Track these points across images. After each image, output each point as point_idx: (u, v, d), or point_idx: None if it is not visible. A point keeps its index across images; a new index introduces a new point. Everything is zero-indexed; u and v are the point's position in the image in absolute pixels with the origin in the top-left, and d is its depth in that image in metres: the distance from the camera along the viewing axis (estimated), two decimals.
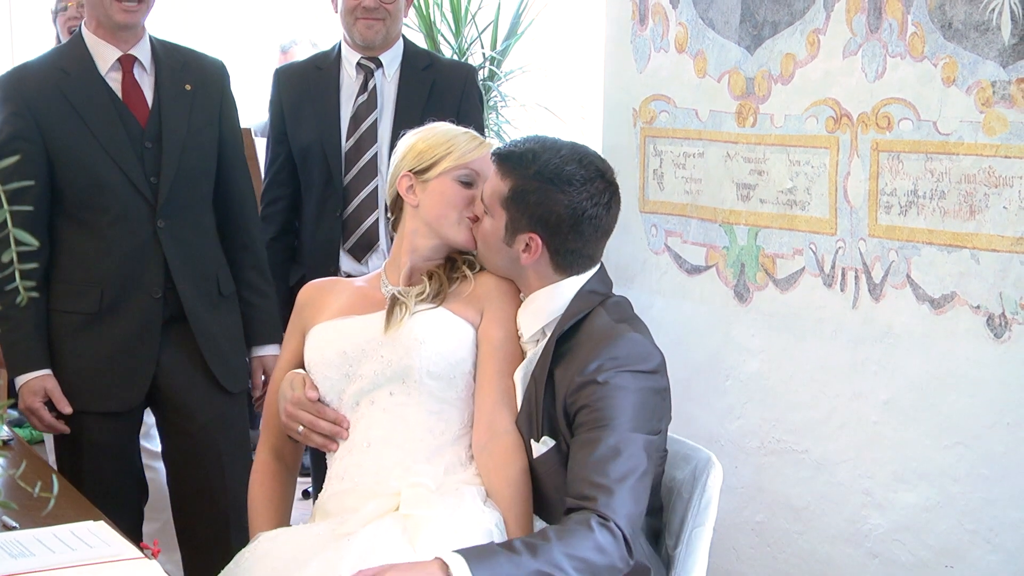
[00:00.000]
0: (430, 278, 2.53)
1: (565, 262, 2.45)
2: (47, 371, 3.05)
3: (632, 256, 3.74)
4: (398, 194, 2.59)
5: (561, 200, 2.41)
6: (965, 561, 2.96)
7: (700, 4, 3.51)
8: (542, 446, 2.36)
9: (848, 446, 3.21)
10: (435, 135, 2.62)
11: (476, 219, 2.54)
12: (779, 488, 3.39)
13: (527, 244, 2.43)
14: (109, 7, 3.02)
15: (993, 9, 2.82)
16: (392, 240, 2.69)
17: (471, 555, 2.09)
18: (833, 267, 3.21)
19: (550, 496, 2.35)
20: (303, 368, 2.61)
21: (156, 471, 3.57)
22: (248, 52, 7.11)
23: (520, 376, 2.45)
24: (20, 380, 3.06)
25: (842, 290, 3.20)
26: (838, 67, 3.16)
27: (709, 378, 3.51)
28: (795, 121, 3.28)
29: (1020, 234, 2.80)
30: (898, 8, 3.01)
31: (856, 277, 3.16)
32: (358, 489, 2.42)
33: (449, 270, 2.57)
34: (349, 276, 3.55)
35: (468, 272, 2.55)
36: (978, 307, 2.90)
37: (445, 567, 2.07)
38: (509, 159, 2.48)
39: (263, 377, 3.32)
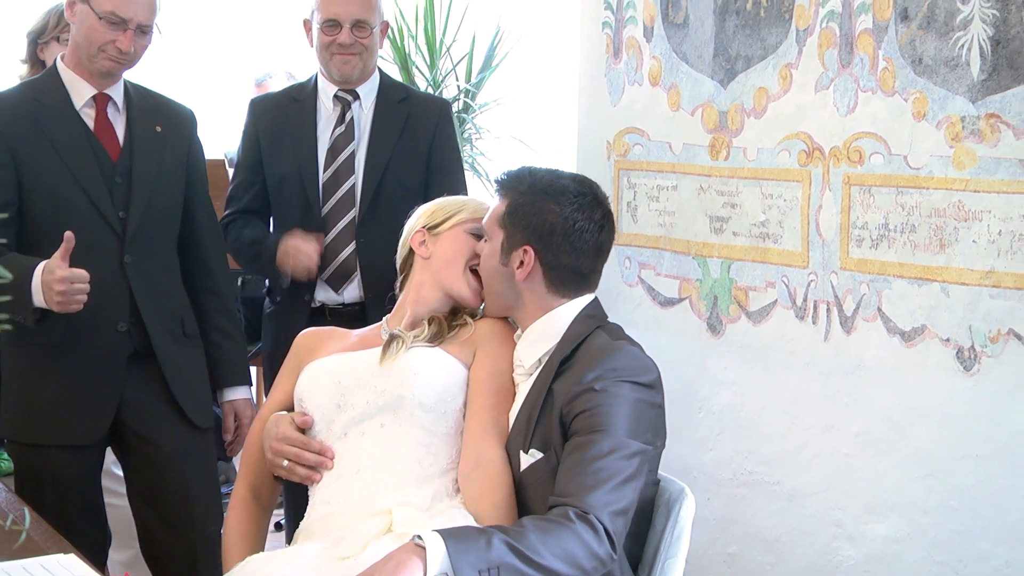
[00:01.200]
0: (430, 322, 2.60)
1: (559, 280, 2.48)
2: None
3: (606, 288, 3.71)
4: (410, 251, 2.69)
5: (553, 210, 2.46)
6: None
7: (674, 38, 3.52)
8: (530, 458, 2.37)
9: (820, 478, 3.21)
10: (449, 199, 2.77)
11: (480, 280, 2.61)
12: (751, 520, 3.39)
13: (521, 260, 2.46)
14: (95, 56, 3.03)
15: (963, 45, 2.83)
16: (363, 270, 2.71)
17: (447, 534, 2.08)
18: (805, 300, 3.22)
19: (536, 511, 2.33)
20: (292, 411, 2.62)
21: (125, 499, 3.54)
22: (222, 84, 7.10)
23: (516, 406, 2.46)
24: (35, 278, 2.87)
25: (814, 323, 3.20)
26: (810, 101, 3.17)
27: (682, 410, 3.50)
28: (768, 155, 3.29)
29: (989, 267, 2.81)
30: (869, 43, 3.02)
31: (828, 310, 3.16)
32: (346, 509, 2.42)
33: (451, 318, 2.62)
34: (324, 306, 3.56)
35: (468, 319, 2.60)
36: (948, 340, 2.91)
37: (421, 548, 2.06)
38: (507, 180, 2.56)
39: (234, 421, 3.31)
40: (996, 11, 2.76)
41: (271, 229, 3.70)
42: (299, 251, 3.47)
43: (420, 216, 2.72)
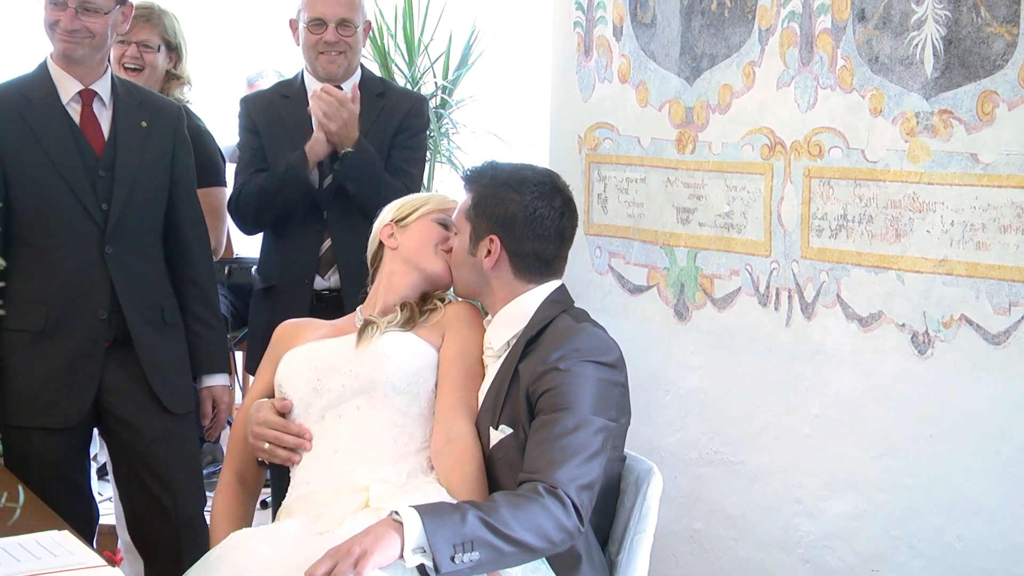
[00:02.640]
0: (402, 308, 2.61)
1: (524, 266, 2.50)
2: None
3: (577, 277, 3.74)
4: (380, 244, 2.72)
5: (515, 199, 2.48)
6: (890, 566, 2.99)
7: (642, 37, 3.54)
8: (500, 433, 2.39)
9: (781, 458, 3.23)
10: (414, 195, 2.81)
11: (450, 251, 2.63)
12: (716, 498, 3.41)
13: (488, 249, 2.48)
14: (53, 40, 3.05)
15: (917, 44, 2.86)
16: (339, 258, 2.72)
17: (423, 510, 2.10)
18: (768, 287, 3.24)
19: (507, 487, 2.35)
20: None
21: None
22: (214, 83, 7.07)
23: (484, 387, 2.48)
24: None
25: (776, 309, 3.22)
26: (772, 98, 3.19)
27: (650, 393, 3.52)
28: (732, 149, 3.31)
29: (942, 256, 2.84)
30: (828, 42, 3.04)
31: (789, 297, 3.19)
32: (324, 488, 2.43)
33: (421, 303, 2.64)
34: (314, 290, 3.57)
35: (438, 304, 2.63)
36: (903, 325, 2.93)
37: (398, 523, 2.08)
38: (471, 175, 2.59)
39: (212, 407, 3.31)
40: (948, 12, 2.78)
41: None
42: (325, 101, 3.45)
43: (387, 212, 2.75)
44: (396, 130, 3.65)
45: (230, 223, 4.00)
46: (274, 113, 3.67)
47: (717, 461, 3.40)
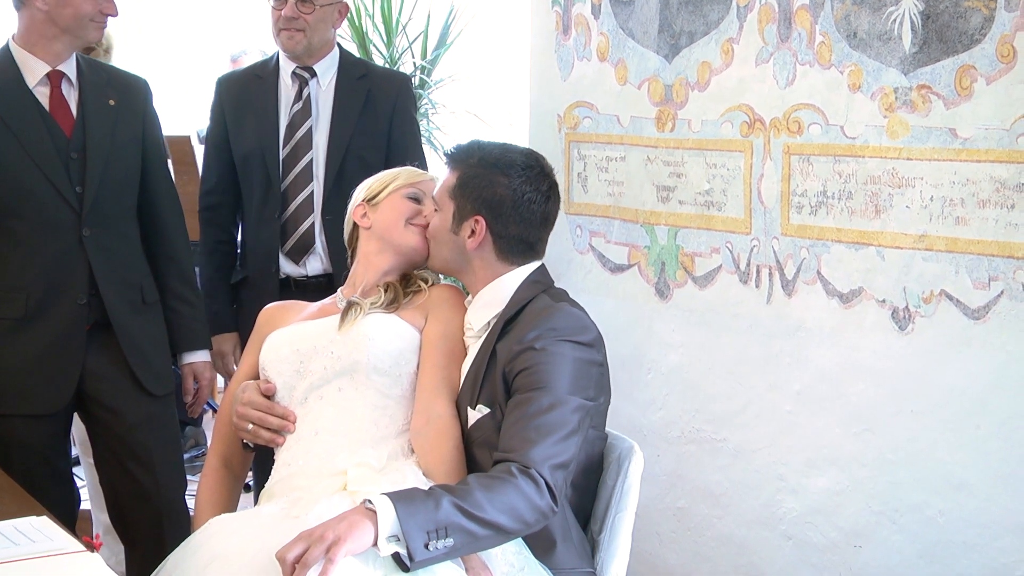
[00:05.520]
0: (386, 289, 2.59)
1: (508, 248, 2.49)
2: None
3: (558, 256, 3.74)
4: (354, 226, 2.69)
5: (503, 182, 2.47)
6: (872, 541, 2.99)
7: (620, 15, 3.52)
8: (477, 413, 2.39)
9: (763, 435, 3.24)
10: (384, 172, 2.76)
11: (425, 227, 2.61)
12: (698, 475, 3.41)
13: (472, 229, 2.47)
14: (86, 26, 3.04)
15: (895, 20, 2.85)
16: (327, 243, 2.70)
17: (395, 496, 2.09)
18: (748, 265, 3.23)
19: (485, 466, 2.34)
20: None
21: None
22: (200, 59, 7.04)
23: (466, 366, 2.47)
24: None
25: (757, 286, 3.22)
26: (751, 74, 3.18)
27: (632, 371, 3.52)
28: (711, 126, 3.30)
29: (922, 232, 2.83)
30: (807, 18, 3.03)
31: (770, 274, 3.18)
32: (305, 471, 2.42)
33: (405, 284, 2.63)
34: (288, 277, 3.55)
35: (422, 285, 2.61)
36: (883, 301, 2.93)
37: (371, 511, 2.06)
38: (457, 153, 2.56)
39: (195, 383, 3.30)
40: None
41: (238, 202, 3.68)
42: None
43: (359, 192, 2.74)
44: (390, 114, 3.63)
45: None
46: (244, 95, 3.66)
47: (699, 439, 3.40)
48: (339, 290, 2.71)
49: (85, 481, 3.99)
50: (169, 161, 4.59)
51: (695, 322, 3.39)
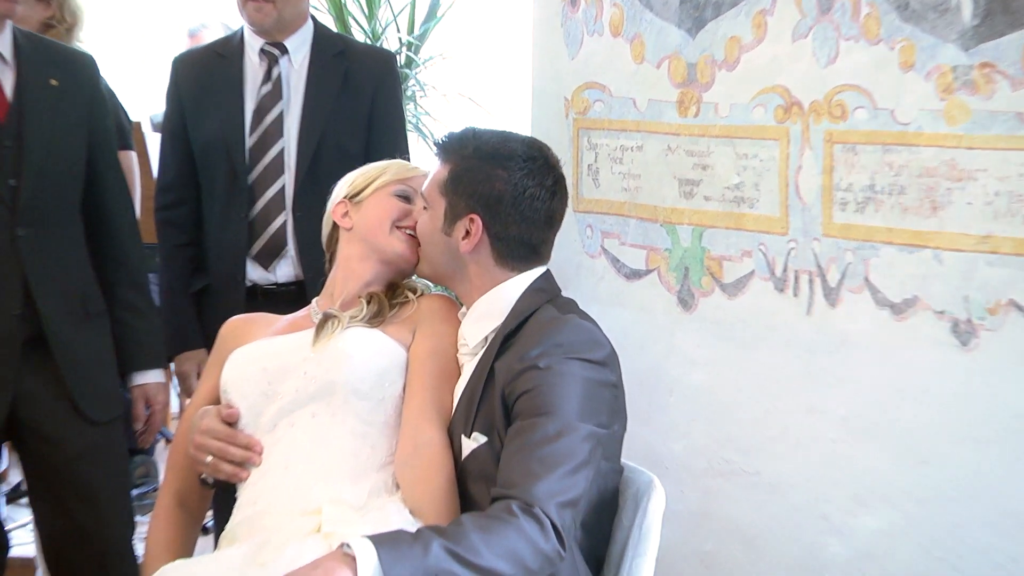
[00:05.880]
0: (368, 301, 2.59)
1: (507, 251, 2.50)
2: None
3: (565, 260, 3.73)
4: (334, 226, 2.69)
5: (501, 176, 2.48)
6: None
7: None
8: (472, 443, 2.38)
9: (803, 467, 3.23)
10: (371, 165, 2.78)
11: (414, 236, 2.63)
12: (729, 514, 3.41)
13: (467, 230, 2.48)
14: None
15: None
16: (299, 245, 2.71)
17: (378, 539, 2.07)
18: (785, 270, 3.23)
19: (481, 503, 2.34)
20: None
21: None
22: (154, 35, 7.04)
23: (459, 387, 2.47)
24: None
25: (795, 295, 3.21)
26: (787, 52, 3.18)
27: (651, 393, 3.52)
28: (741, 111, 3.30)
29: (986, 232, 2.83)
30: None
31: (810, 281, 3.18)
32: (273, 509, 2.42)
33: (391, 295, 2.62)
34: (255, 285, 3.55)
35: (410, 295, 2.61)
36: (942, 312, 2.92)
37: (349, 556, 2.04)
38: (449, 143, 2.58)
39: (146, 408, 3.29)
40: None
41: (200, 199, 3.68)
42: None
43: (341, 187, 2.75)
44: (372, 97, 3.64)
45: None
46: (205, 76, 3.67)
47: (729, 471, 3.40)
48: (314, 301, 2.71)
49: (30, 523, 3.97)
50: (133, 154, 4.59)
51: (723, 336, 3.39)
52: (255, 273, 3.58)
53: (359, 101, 3.62)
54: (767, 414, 3.31)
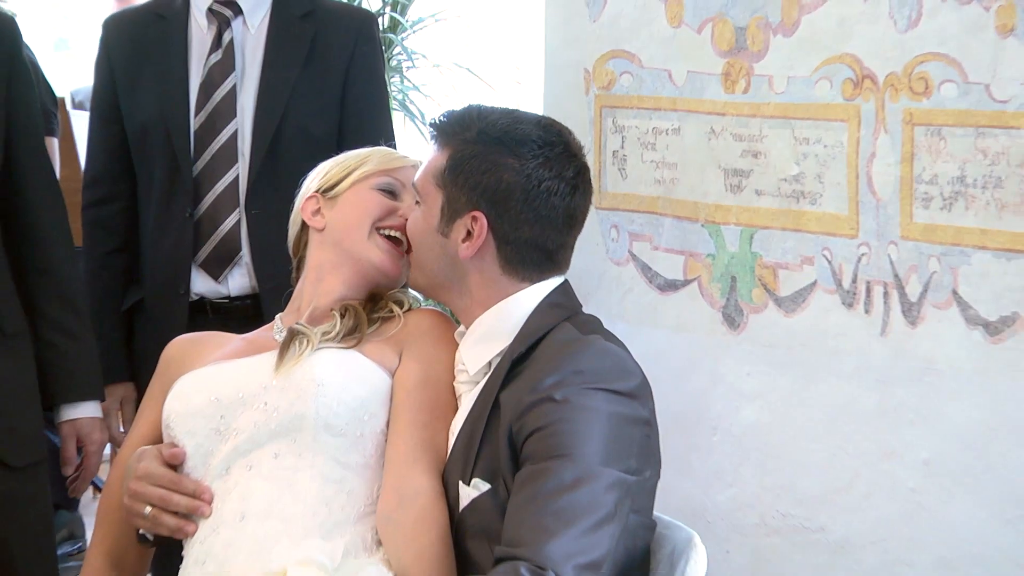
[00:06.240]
0: (343, 314, 2.59)
1: (517, 257, 2.52)
2: None
3: (585, 268, 3.73)
4: (303, 226, 2.71)
5: (512, 165, 2.50)
6: None
7: None
8: (472, 490, 2.40)
9: (877, 522, 3.23)
10: (350, 153, 2.80)
11: (400, 242, 2.66)
12: None
13: (468, 230, 2.48)
14: None
15: None
16: (254, 249, 2.70)
17: None
18: (854, 281, 3.22)
19: (482, 564, 2.35)
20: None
21: None
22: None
23: (457, 424, 2.47)
24: None
25: (866, 312, 3.21)
26: (858, 12, 3.18)
27: (690, 432, 3.52)
28: (801, 85, 3.29)
29: None
30: None
31: (885, 294, 3.17)
32: (227, 571, 2.42)
33: (371, 308, 2.63)
34: (202, 298, 3.54)
35: (396, 310, 2.62)
36: None
37: None
38: (448, 124, 2.58)
39: (77, 446, 3.28)
40: None
41: (135, 194, 3.68)
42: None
43: (312, 179, 2.76)
44: (346, 67, 3.64)
45: None
46: (141, 43, 3.68)
47: (786, 528, 3.40)
48: (277, 317, 2.71)
49: None
50: (55, 141, 4.59)
51: (779, 362, 3.39)
52: (202, 284, 3.58)
53: (330, 73, 3.63)
54: (832, 458, 3.31)
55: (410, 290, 2.77)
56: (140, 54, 3.66)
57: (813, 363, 3.33)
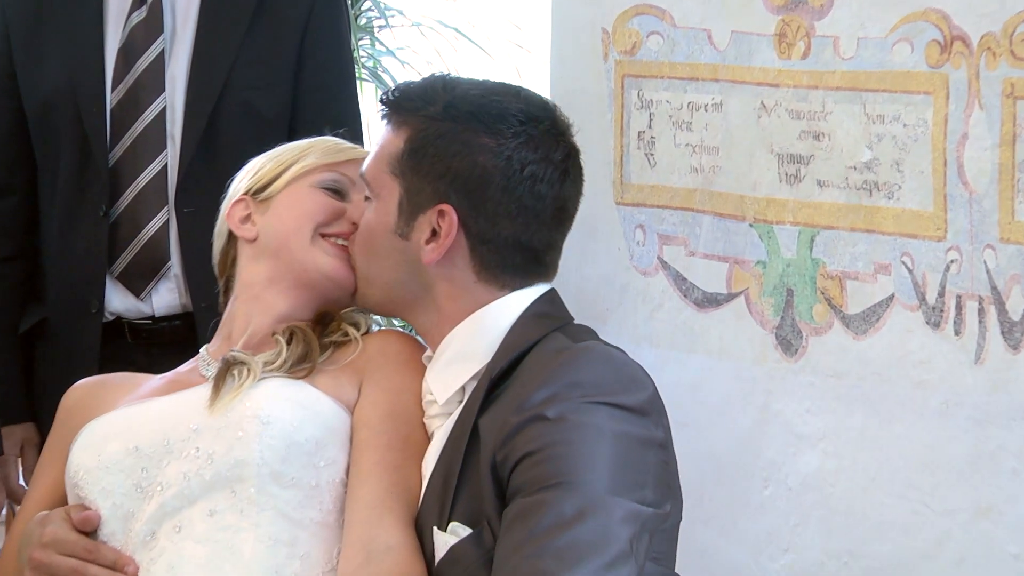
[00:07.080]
0: (289, 340, 2.59)
1: (496, 260, 2.54)
2: None
3: (602, 278, 3.73)
4: (229, 236, 2.71)
5: (488, 145, 2.52)
6: None
7: None
8: (451, 537, 2.40)
9: None
10: (284, 147, 2.85)
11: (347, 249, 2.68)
12: None
13: (433, 228, 2.48)
14: None
15: None
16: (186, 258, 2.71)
17: None
18: (941, 295, 3.21)
19: None
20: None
21: None
22: None
23: (428, 463, 2.47)
24: None
25: (956, 333, 3.20)
26: None
27: (737, 483, 3.52)
28: (875, 49, 3.29)
29: None
30: None
31: (980, 311, 3.16)
32: None
33: (321, 332, 2.64)
34: (120, 319, 3.55)
35: (353, 332, 2.63)
36: None
37: None
38: (403, 98, 2.60)
39: None
40: None
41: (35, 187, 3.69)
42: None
43: (241, 179, 2.78)
44: (302, 30, 3.65)
45: None
46: (45, 1, 3.66)
47: None
48: (203, 349, 2.72)
49: None
50: None
51: (847, 396, 3.39)
52: (120, 301, 3.60)
53: (282, 36, 3.64)
54: (915, 515, 3.30)
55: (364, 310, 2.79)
56: (43, 14, 3.67)
57: (890, 398, 3.32)
